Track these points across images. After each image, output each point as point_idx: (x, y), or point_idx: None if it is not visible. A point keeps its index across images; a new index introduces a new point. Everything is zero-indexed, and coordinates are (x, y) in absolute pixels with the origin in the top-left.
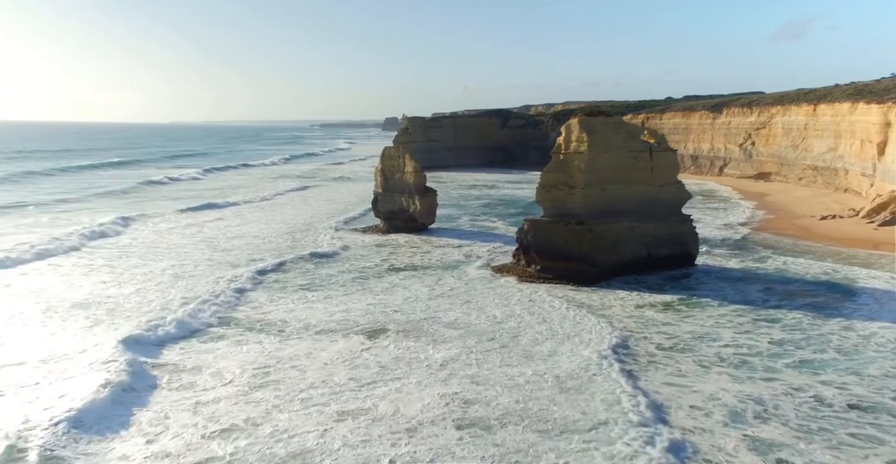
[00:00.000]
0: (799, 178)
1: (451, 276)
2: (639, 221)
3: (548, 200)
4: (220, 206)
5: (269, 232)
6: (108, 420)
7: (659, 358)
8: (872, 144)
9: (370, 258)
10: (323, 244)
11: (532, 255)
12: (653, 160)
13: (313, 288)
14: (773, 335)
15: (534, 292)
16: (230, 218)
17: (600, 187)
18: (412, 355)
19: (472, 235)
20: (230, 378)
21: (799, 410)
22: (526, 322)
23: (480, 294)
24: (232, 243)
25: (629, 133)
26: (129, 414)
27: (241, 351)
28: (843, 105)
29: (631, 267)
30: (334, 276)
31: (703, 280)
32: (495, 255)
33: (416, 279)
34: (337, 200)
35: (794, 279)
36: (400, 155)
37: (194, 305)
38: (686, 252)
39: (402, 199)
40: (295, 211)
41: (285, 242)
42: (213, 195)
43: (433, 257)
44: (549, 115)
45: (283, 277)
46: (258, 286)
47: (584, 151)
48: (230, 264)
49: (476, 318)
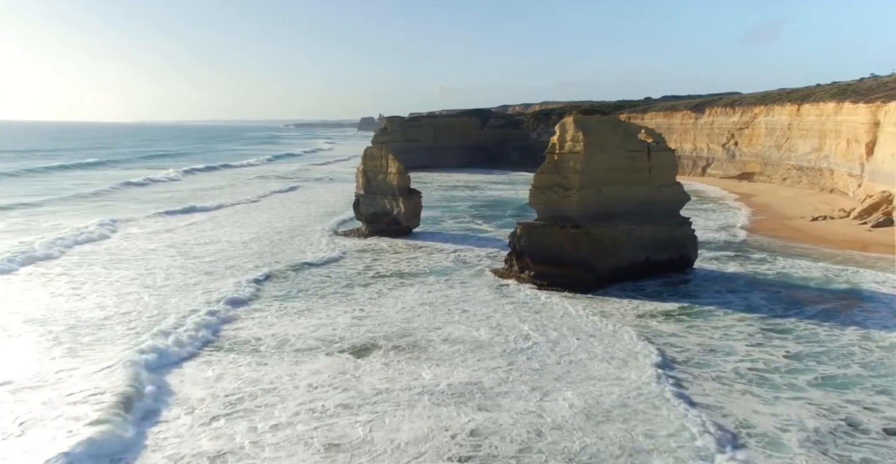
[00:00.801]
0: (783, 178)
1: (442, 283)
2: (636, 224)
3: (541, 203)
4: (199, 209)
5: (248, 237)
6: None
7: (676, 374)
8: (860, 144)
9: (353, 264)
10: (307, 251)
11: (525, 260)
12: (651, 160)
13: (290, 299)
14: (789, 348)
15: (534, 299)
16: (206, 223)
17: (597, 189)
18: (408, 377)
19: (459, 239)
20: (196, 407)
21: (835, 435)
22: (532, 334)
23: (477, 303)
24: (206, 249)
25: (626, 132)
26: None
27: (209, 374)
28: (827, 105)
29: (628, 272)
30: (314, 285)
31: (702, 286)
32: (486, 259)
33: (405, 287)
34: (322, 203)
35: (798, 285)
36: (383, 155)
37: (167, 322)
38: (685, 256)
39: (386, 201)
40: (277, 214)
41: (265, 249)
42: (194, 197)
43: (421, 263)
44: (530, 114)
45: (258, 288)
46: (231, 297)
47: (579, 151)
48: (204, 273)
49: (477, 330)
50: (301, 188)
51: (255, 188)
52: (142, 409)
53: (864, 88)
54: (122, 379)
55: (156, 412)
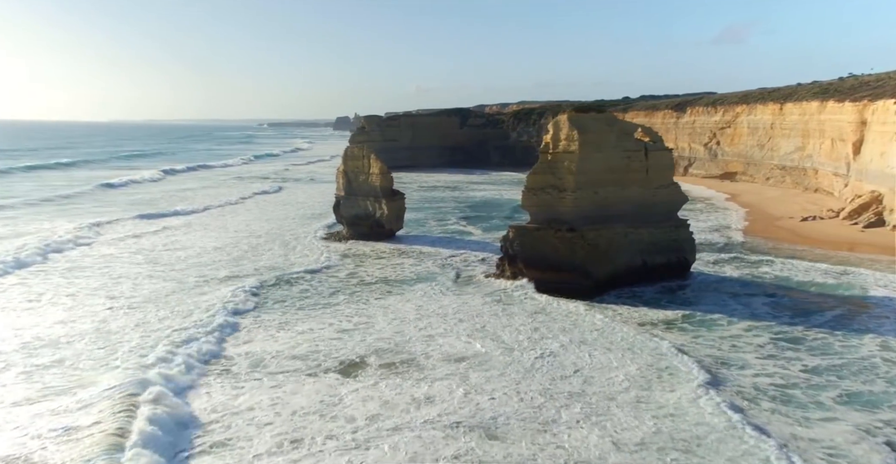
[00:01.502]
0: (766, 177)
1: (432, 290)
2: (633, 227)
3: (535, 205)
4: (181, 213)
5: (227, 242)
6: None
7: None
8: (845, 144)
9: (334, 271)
10: (286, 257)
11: (518, 265)
12: (648, 160)
13: (267, 311)
14: (804, 360)
15: (533, 307)
16: (185, 227)
17: (592, 190)
18: (403, 401)
19: (445, 242)
20: (161, 441)
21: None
22: (538, 346)
23: (472, 312)
24: (180, 256)
25: (623, 131)
26: None
27: (179, 400)
28: (810, 104)
29: (625, 277)
30: (293, 295)
31: (701, 292)
32: (475, 264)
33: (393, 296)
34: (302, 205)
35: (799, 289)
36: (364, 155)
37: (130, 342)
38: (683, 260)
39: (368, 203)
40: (258, 217)
41: (243, 255)
42: (175, 200)
43: (407, 269)
44: (509, 114)
45: (232, 299)
46: (203, 310)
47: (574, 151)
48: (176, 282)
49: (476, 343)
50: (283, 190)
51: (236, 190)
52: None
53: (846, 87)
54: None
55: (118, 447)
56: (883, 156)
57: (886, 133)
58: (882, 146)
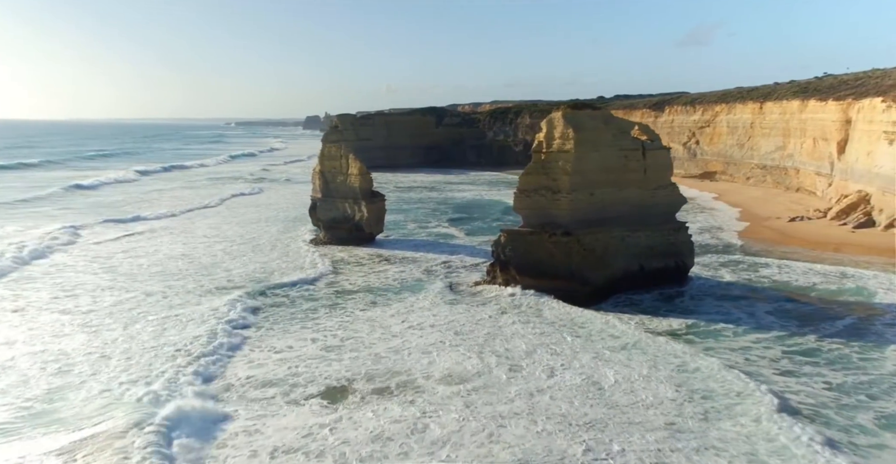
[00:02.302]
0: (747, 177)
1: (421, 299)
2: (630, 230)
3: (528, 208)
4: (153, 217)
5: (201, 249)
6: None
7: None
8: (828, 142)
9: (313, 279)
10: (262, 264)
11: (511, 271)
12: (646, 160)
13: (240, 326)
14: (826, 376)
15: (534, 316)
16: (157, 232)
17: (588, 191)
18: (402, 431)
19: (428, 246)
20: None
21: None
22: (550, 363)
23: (469, 323)
24: (143, 263)
25: (619, 129)
26: None
27: None
28: (791, 103)
29: (622, 283)
30: (269, 307)
31: (700, 299)
32: (463, 270)
33: (380, 307)
34: (277, 207)
35: (801, 295)
36: (342, 155)
37: (85, 364)
38: (681, 264)
39: (346, 205)
40: (234, 221)
41: (217, 262)
42: (150, 202)
43: (391, 276)
44: (485, 113)
45: (200, 313)
46: (170, 326)
47: (569, 150)
48: (144, 294)
49: (478, 361)
50: (260, 191)
51: (214, 191)
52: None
53: (825, 86)
54: None
55: None
56: (870, 155)
57: (873, 132)
58: (869, 145)
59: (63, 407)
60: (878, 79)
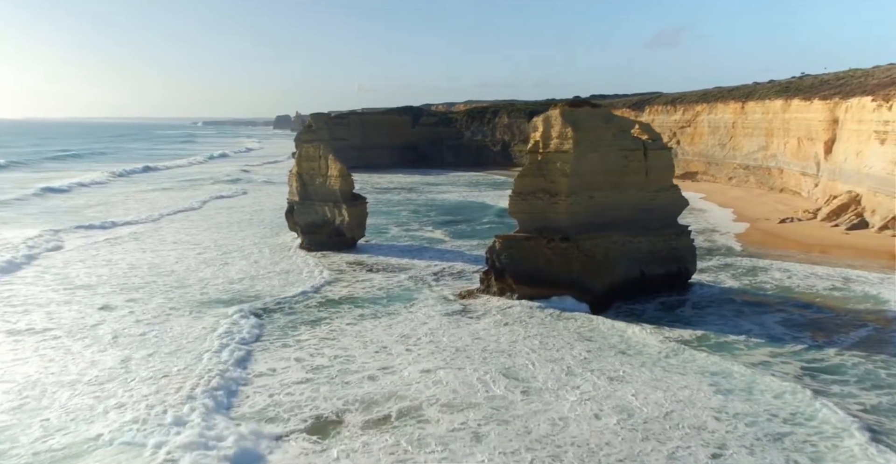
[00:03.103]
0: (729, 177)
1: (411, 311)
2: (631, 235)
3: (524, 212)
4: (120, 223)
5: (173, 257)
6: None
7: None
8: (813, 142)
9: (291, 289)
10: (236, 273)
11: (507, 280)
12: (648, 160)
13: (212, 345)
14: (860, 398)
15: (542, 330)
16: (131, 240)
17: (587, 194)
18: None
19: (414, 252)
20: None
21: None
22: (566, 384)
23: (469, 338)
24: (102, 275)
25: (620, 127)
26: None
27: None
28: (774, 102)
29: (622, 291)
30: (243, 322)
31: (704, 309)
32: (453, 278)
33: (368, 320)
34: (252, 211)
35: (808, 302)
36: (321, 156)
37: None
38: (683, 270)
39: (326, 208)
40: (213, 225)
41: (188, 272)
42: (126, 205)
43: (377, 284)
44: (462, 113)
45: (157, 330)
46: (119, 342)
47: (567, 150)
48: (100, 309)
49: (484, 382)
50: (241, 193)
51: (192, 193)
52: None
53: (807, 86)
54: None
55: None
56: (859, 155)
57: (863, 132)
58: (858, 145)
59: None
60: (861, 78)
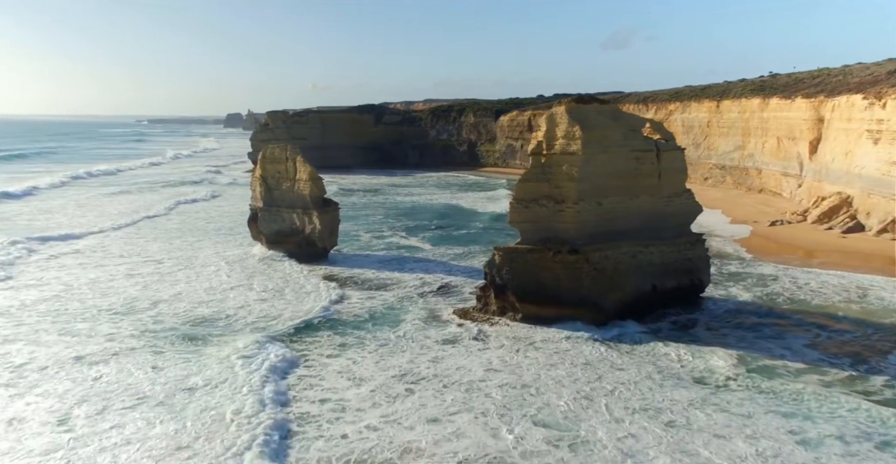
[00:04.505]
0: (704, 178)
1: (401, 337)
2: (642, 245)
3: (527, 221)
4: (80, 234)
5: (122, 271)
6: None
7: None
8: (795, 142)
9: (251, 307)
10: (193, 293)
11: (509, 297)
12: (661, 163)
13: (145, 389)
14: None
15: (560, 358)
16: (95, 253)
17: (596, 201)
18: None
19: (393, 263)
20: None
21: None
22: (613, 436)
23: (474, 370)
24: (44, 296)
25: (630, 126)
26: None
27: None
28: (751, 101)
29: (632, 307)
30: (192, 350)
31: (720, 329)
32: (441, 293)
33: (351, 350)
34: (213, 218)
35: (831, 317)
36: (288, 157)
37: None
38: (696, 282)
39: (294, 215)
40: (175, 234)
41: (140, 290)
42: (85, 211)
43: (357, 303)
44: (426, 111)
45: (79, 375)
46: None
47: (575, 152)
48: (45, 347)
49: (510, 431)
50: (211, 197)
51: (156, 197)
52: None
53: (781, 84)
54: None
55: None
56: (848, 155)
57: (852, 131)
58: (847, 145)
59: None
60: (839, 77)
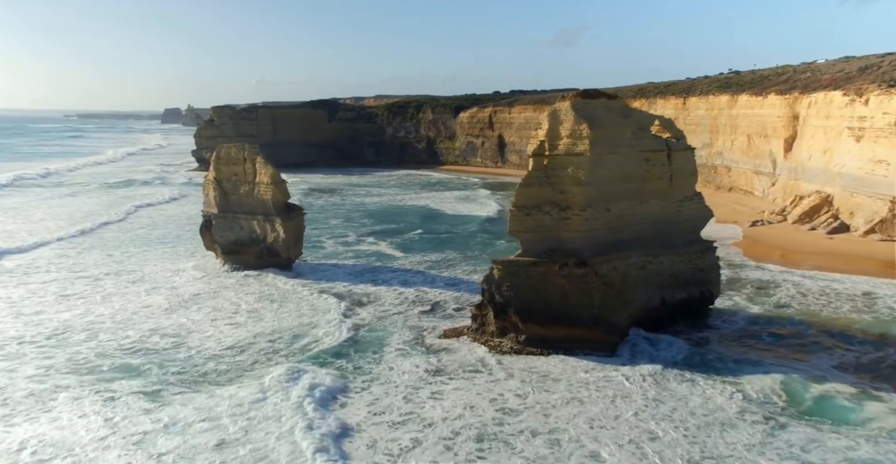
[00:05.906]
0: None
1: (386, 368)
2: (652, 254)
3: (529, 230)
4: (29, 246)
5: (71, 289)
6: None
7: None
8: (768, 139)
9: (204, 332)
10: (135, 315)
11: (511, 317)
12: (672, 164)
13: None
14: None
15: (590, 395)
16: (39, 268)
17: (604, 207)
18: None
19: (366, 273)
20: None
21: None
22: None
23: (495, 414)
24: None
25: (639, 124)
26: None
27: None
28: (719, 98)
29: (639, 323)
30: (129, 390)
31: (737, 347)
32: (425, 309)
33: (323, 388)
34: (161, 225)
35: (848, 332)
36: (246, 158)
37: None
38: (707, 294)
39: (255, 223)
40: (119, 244)
41: (77, 316)
42: (33, 218)
43: (334, 324)
44: (383, 107)
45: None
46: None
47: (582, 152)
48: None
49: None
50: (169, 200)
51: (109, 200)
52: None
53: (747, 81)
54: None
55: None
56: (827, 153)
57: (831, 128)
58: (826, 142)
59: None
60: (808, 73)
